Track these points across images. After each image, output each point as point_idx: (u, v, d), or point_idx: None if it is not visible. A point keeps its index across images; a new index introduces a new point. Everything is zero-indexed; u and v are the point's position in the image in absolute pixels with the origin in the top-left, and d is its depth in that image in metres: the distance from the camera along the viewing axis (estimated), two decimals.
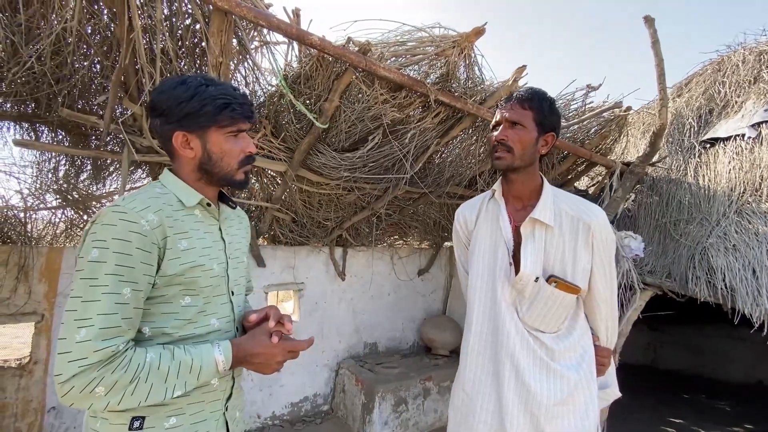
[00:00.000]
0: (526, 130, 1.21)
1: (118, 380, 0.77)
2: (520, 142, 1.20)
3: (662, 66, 2.37)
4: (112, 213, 0.82)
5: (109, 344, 0.77)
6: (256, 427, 3.03)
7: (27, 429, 2.29)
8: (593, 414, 1.21)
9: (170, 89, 0.91)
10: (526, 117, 1.21)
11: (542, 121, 1.22)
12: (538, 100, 1.23)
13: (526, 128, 1.21)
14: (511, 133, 1.21)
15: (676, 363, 5.60)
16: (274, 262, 3.18)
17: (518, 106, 1.22)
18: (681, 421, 3.85)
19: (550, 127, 1.24)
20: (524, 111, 1.21)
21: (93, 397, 0.76)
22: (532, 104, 1.22)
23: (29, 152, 2.38)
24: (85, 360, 0.75)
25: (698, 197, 2.83)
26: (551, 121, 1.23)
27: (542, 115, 1.22)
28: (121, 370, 0.77)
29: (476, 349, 1.29)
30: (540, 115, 1.21)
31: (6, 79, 1.74)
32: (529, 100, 1.22)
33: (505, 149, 1.21)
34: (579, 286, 1.19)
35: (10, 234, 2.36)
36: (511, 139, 1.21)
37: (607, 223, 1.23)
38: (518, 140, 1.20)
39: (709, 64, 3.71)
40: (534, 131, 1.21)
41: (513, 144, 1.20)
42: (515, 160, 1.21)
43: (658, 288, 2.57)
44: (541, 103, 1.22)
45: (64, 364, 0.75)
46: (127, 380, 0.78)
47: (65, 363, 0.75)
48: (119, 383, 0.77)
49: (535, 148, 1.23)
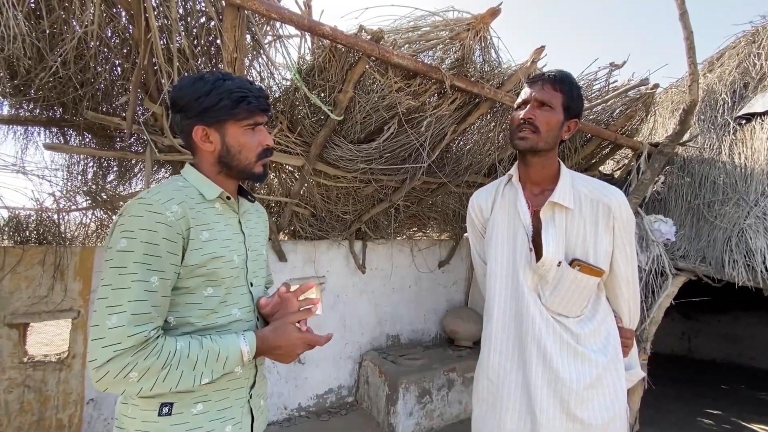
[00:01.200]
0: (554, 112, 1.18)
1: (150, 366, 0.79)
2: (547, 123, 1.17)
3: (692, 39, 2.25)
4: (139, 205, 0.84)
5: (140, 330, 0.79)
6: (283, 418, 3.09)
7: (68, 420, 2.41)
8: (622, 395, 1.20)
9: (189, 85, 0.94)
10: (555, 98, 1.18)
11: (570, 105, 1.19)
12: (569, 83, 1.20)
13: (554, 110, 1.18)
14: (539, 113, 1.18)
15: (712, 352, 5.38)
16: (295, 257, 3.22)
17: (549, 87, 1.19)
18: (719, 412, 3.69)
19: (575, 113, 1.21)
20: (555, 92, 1.19)
21: (126, 382, 0.78)
22: (563, 87, 1.19)
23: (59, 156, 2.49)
24: (118, 345, 0.77)
25: (734, 176, 2.67)
26: (577, 106, 1.21)
27: (571, 99, 1.19)
28: (154, 356, 0.80)
29: (499, 336, 1.27)
30: (569, 99, 1.19)
31: (34, 85, 1.81)
32: (561, 82, 1.20)
33: (531, 129, 1.18)
34: (602, 268, 1.17)
35: (45, 235, 2.47)
36: (539, 119, 1.18)
37: (626, 203, 1.21)
38: (546, 121, 1.17)
39: (742, 36, 3.49)
40: (561, 114, 1.19)
41: (540, 124, 1.17)
42: (540, 141, 1.18)
43: (691, 273, 2.46)
44: (571, 87, 1.20)
45: (98, 349, 0.78)
46: (158, 367, 0.80)
47: (99, 348, 0.77)
48: (152, 369, 0.79)
49: (560, 132, 1.20)
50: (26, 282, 2.31)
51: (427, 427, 2.99)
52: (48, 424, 2.36)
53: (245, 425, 0.98)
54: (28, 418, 2.31)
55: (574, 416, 1.14)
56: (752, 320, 5.06)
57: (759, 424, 3.46)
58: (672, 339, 5.60)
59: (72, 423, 2.42)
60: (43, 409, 2.34)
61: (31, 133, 2.34)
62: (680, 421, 3.45)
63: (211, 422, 0.91)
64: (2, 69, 1.72)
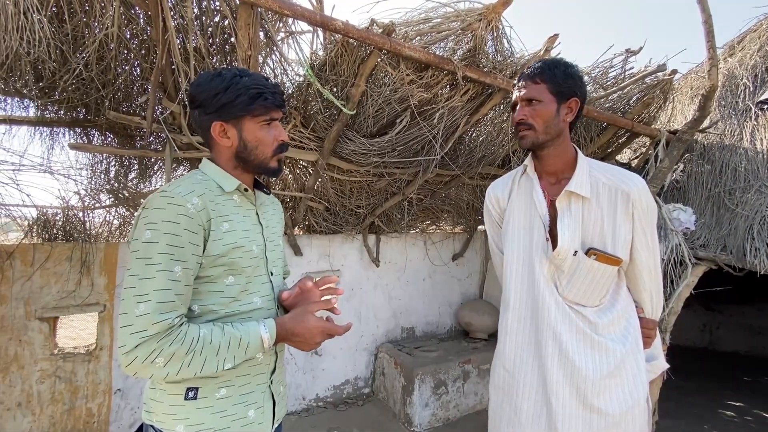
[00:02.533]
0: (543, 104, 1.17)
1: (175, 352, 0.83)
2: (540, 117, 1.18)
3: (710, 22, 2.19)
4: (161, 198, 0.87)
5: (165, 317, 0.83)
6: (302, 408, 3.16)
7: (97, 409, 2.51)
8: (642, 386, 1.18)
9: (206, 82, 0.96)
10: (540, 91, 1.18)
11: (558, 90, 1.17)
12: (550, 69, 1.18)
13: (543, 102, 1.17)
14: (528, 110, 1.19)
15: (735, 345, 5.25)
16: (310, 251, 3.27)
17: (530, 82, 1.20)
18: (741, 404, 3.62)
19: (570, 93, 1.18)
20: (537, 85, 1.18)
21: (154, 366, 0.82)
22: (544, 76, 1.18)
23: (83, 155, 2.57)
24: (145, 332, 0.81)
25: (756, 163, 2.60)
26: (569, 86, 1.18)
27: (556, 84, 1.17)
28: (178, 342, 0.83)
29: (516, 326, 1.28)
30: (554, 84, 1.17)
31: (59, 87, 1.88)
32: (540, 73, 1.18)
33: (527, 128, 1.19)
34: (620, 257, 1.15)
35: (72, 232, 2.57)
36: (530, 117, 1.18)
37: (647, 190, 1.18)
38: (537, 116, 1.18)
39: (764, 19, 3.37)
40: (552, 103, 1.17)
41: (533, 121, 1.18)
42: (539, 136, 1.19)
43: (711, 262, 2.41)
44: (554, 72, 1.18)
45: (126, 336, 0.81)
46: (183, 352, 0.84)
47: (128, 335, 0.81)
48: (177, 354, 0.83)
49: (558, 119, 1.18)
50: (55, 277, 2.41)
51: (443, 418, 3.02)
52: (78, 413, 2.46)
53: (267, 410, 1.01)
54: (59, 408, 2.41)
55: (591, 405, 1.13)
56: None
57: None
58: (693, 331, 5.49)
59: (101, 412, 2.52)
60: (74, 399, 2.45)
61: (57, 133, 2.42)
62: (701, 413, 3.40)
63: (235, 406, 0.94)
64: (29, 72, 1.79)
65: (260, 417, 0.99)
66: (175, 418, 0.91)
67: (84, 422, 2.47)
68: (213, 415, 0.92)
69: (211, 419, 0.92)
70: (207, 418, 0.91)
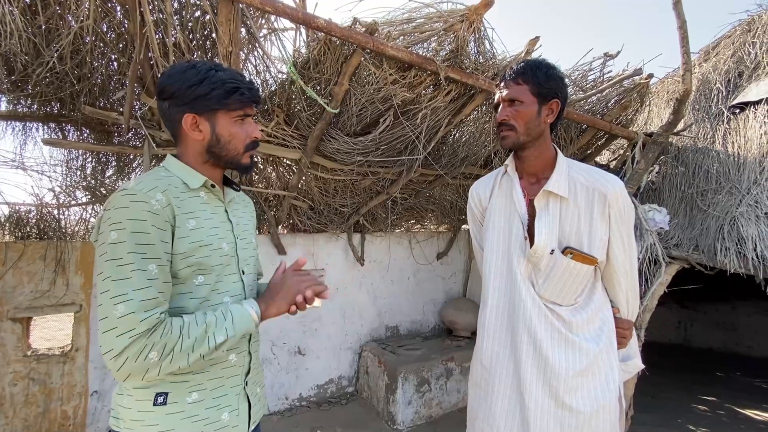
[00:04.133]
0: (524, 105, 1.18)
1: (167, 342, 0.81)
2: (521, 119, 1.18)
3: (685, 28, 2.25)
4: (122, 197, 0.84)
5: (150, 314, 0.80)
6: (284, 408, 3.14)
7: (73, 411, 2.45)
8: (614, 385, 1.20)
9: (179, 73, 0.93)
10: (522, 92, 1.19)
11: (540, 91, 1.18)
12: (532, 70, 1.19)
13: (525, 103, 1.18)
14: (510, 111, 1.20)
15: (708, 341, 5.44)
16: (294, 250, 3.25)
17: (512, 83, 1.20)
18: (714, 399, 3.75)
19: (551, 95, 1.20)
20: (519, 86, 1.19)
21: (148, 363, 0.79)
22: (526, 77, 1.19)
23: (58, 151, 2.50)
24: (133, 331, 0.78)
25: (727, 165, 2.69)
26: (550, 87, 1.19)
27: (538, 85, 1.18)
28: (168, 333, 0.81)
29: (493, 323, 1.29)
30: (536, 85, 1.18)
31: (31, 81, 1.82)
32: (522, 74, 1.19)
33: (508, 128, 1.20)
34: (595, 256, 1.17)
35: (46, 230, 2.50)
36: (512, 117, 1.19)
37: (624, 192, 1.19)
38: (519, 117, 1.19)
39: (738, 25, 3.49)
40: (533, 104, 1.18)
41: (514, 122, 1.19)
42: (520, 137, 1.20)
43: (684, 261, 2.49)
44: (535, 73, 1.19)
45: (112, 339, 0.78)
46: (174, 340, 0.82)
47: (113, 338, 0.78)
48: (168, 345, 0.81)
49: (539, 120, 1.20)
50: (28, 277, 2.34)
51: (425, 415, 3.05)
52: (53, 415, 2.40)
53: (242, 412, 0.99)
54: (33, 410, 2.35)
55: (563, 402, 1.15)
56: (749, 309, 5.11)
57: (753, 410, 3.52)
58: (669, 328, 5.66)
59: (77, 414, 2.46)
60: (48, 401, 2.39)
61: (30, 128, 2.35)
62: (676, 407, 3.51)
63: (207, 410, 0.92)
64: None
65: (235, 420, 0.97)
66: (144, 424, 0.87)
67: (59, 425, 2.41)
68: (184, 420, 0.89)
69: (181, 425, 0.89)
70: (177, 423, 0.89)
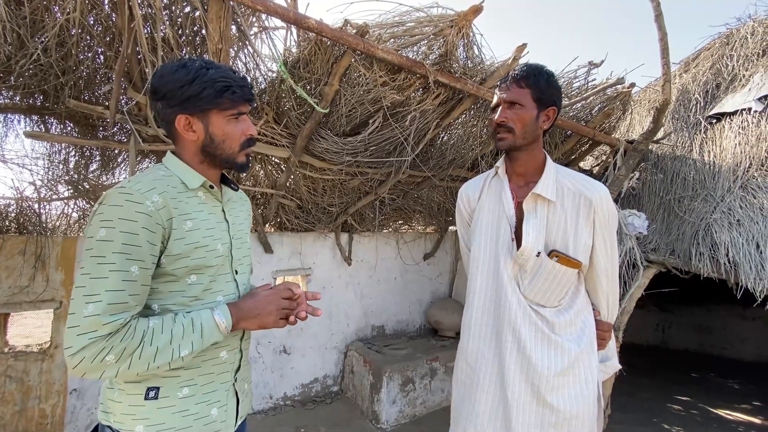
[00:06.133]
0: (525, 109, 1.20)
1: (126, 347, 0.80)
2: (521, 122, 1.20)
3: (666, 40, 2.33)
4: (119, 194, 0.84)
5: (116, 318, 0.80)
6: (269, 407, 3.13)
7: (51, 410, 2.40)
8: (593, 385, 1.23)
9: (170, 73, 0.93)
10: (523, 95, 1.20)
11: (540, 97, 1.21)
12: (535, 76, 1.21)
13: (525, 107, 1.20)
14: (510, 113, 1.21)
15: (685, 343, 5.61)
16: (281, 249, 3.24)
17: (515, 86, 1.21)
18: (688, 399, 3.87)
19: (550, 102, 1.22)
20: (521, 90, 1.20)
21: (105, 365, 0.79)
22: (529, 82, 1.20)
23: (40, 144, 2.45)
24: (94, 333, 0.78)
25: (703, 173, 2.80)
26: (550, 95, 1.22)
27: (540, 91, 1.20)
28: (129, 337, 0.81)
29: (479, 321, 1.31)
30: (538, 91, 1.20)
31: (14, 72, 1.79)
32: (525, 78, 1.21)
33: (506, 130, 1.21)
34: (580, 260, 1.20)
35: (26, 225, 2.44)
36: (511, 120, 1.20)
37: (609, 198, 1.23)
38: (518, 120, 1.20)
39: (717, 38, 3.62)
40: (533, 109, 1.20)
41: (513, 124, 1.20)
42: (517, 140, 1.21)
43: (661, 265, 2.58)
44: (538, 79, 1.21)
45: (73, 337, 0.78)
46: (134, 346, 0.81)
47: (74, 336, 0.78)
48: (127, 350, 0.81)
49: (536, 124, 1.22)
50: (6, 272, 2.29)
51: (410, 414, 3.07)
52: (30, 414, 2.35)
53: (230, 408, 1.00)
54: (9, 409, 2.29)
55: (545, 401, 1.18)
56: (724, 312, 5.28)
57: (725, 410, 3.65)
58: (647, 330, 5.82)
59: (55, 413, 2.41)
60: (25, 400, 2.33)
61: (11, 120, 2.29)
62: (651, 406, 3.62)
63: (197, 405, 0.93)
64: None
65: (223, 415, 0.98)
66: (135, 418, 0.89)
67: (37, 424, 2.36)
68: (174, 414, 0.90)
69: (172, 419, 0.90)
70: (168, 417, 0.90)
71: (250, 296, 1.02)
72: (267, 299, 1.01)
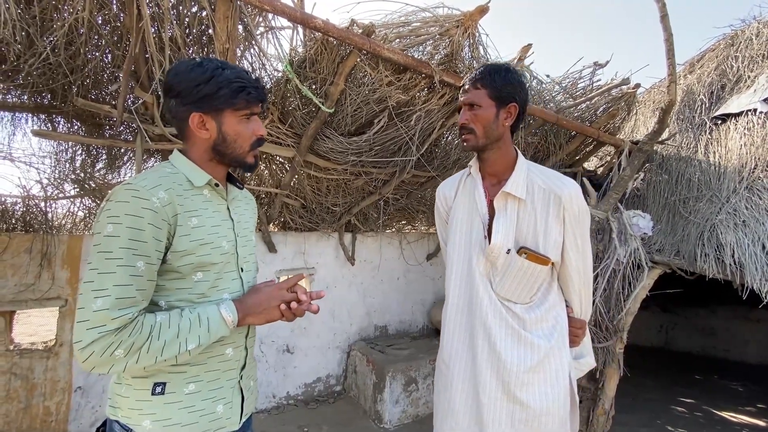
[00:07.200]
0: (482, 109, 1.22)
1: (134, 342, 0.82)
2: (480, 122, 1.23)
3: (671, 41, 2.33)
4: (125, 191, 0.85)
5: (125, 312, 0.81)
6: (272, 406, 3.14)
7: (55, 407, 2.42)
8: (563, 381, 1.24)
9: (186, 71, 0.94)
10: (480, 96, 1.23)
11: (497, 95, 1.23)
12: (490, 75, 1.23)
13: (483, 107, 1.22)
14: (470, 115, 1.24)
15: (688, 344, 5.58)
16: (285, 248, 3.25)
17: (472, 88, 1.25)
18: (692, 401, 3.86)
19: (509, 99, 1.23)
20: (478, 91, 1.23)
21: (114, 359, 0.81)
22: (484, 82, 1.23)
23: (47, 143, 2.46)
24: (103, 327, 0.79)
25: (708, 174, 2.79)
26: (508, 92, 1.23)
27: (496, 89, 1.22)
28: (137, 332, 0.82)
29: (453, 319, 1.34)
30: (494, 90, 1.22)
31: (23, 71, 1.80)
32: (480, 78, 1.24)
33: (468, 131, 1.25)
34: (549, 257, 1.21)
35: (32, 223, 2.46)
36: (471, 121, 1.24)
37: (579, 195, 1.24)
38: (477, 120, 1.23)
39: (722, 39, 3.61)
40: (492, 107, 1.22)
41: (474, 125, 1.23)
42: (479, 140, 1.24)
43: (666, 266, 2.57)
44: (493, 78, 1.23)
45: (82, 331, 0.79)
46: (142, 341, 0.82)
47: (84, 330, 0.79)
48: (135, 344, 0.82)
49: (497, 123, 1.23)
50: (12, 270, 2.30)
51: (412, 414, 3.07)
52: (35, 411, 2.36)
53: (236, 405, 1.01)
54: (14, 406, 2.31)
55: (515, 397, 1.20)
56: (728, 314, 5.26)
57: (729, 412, 3.63)
58: (650, 331, 5.80)
59: (59, 410, 2.42)
60: (30, 397, 2.35)
61: (19, 119, 2.31)
62: (655, 408, 3.61)
63: (203, 401, 0.94)
64: None
65: (228, 412, 0.99)
66: (142, 413, 0.89)
67: (41, 421, 2.37)
68: (181, 410, 0.91)
69: (178, 414, 0.91)
70: (175, 413, 0.91)
71: (254, 292, 1.03)
72: (270, 294, 1.02)
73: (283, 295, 1.03)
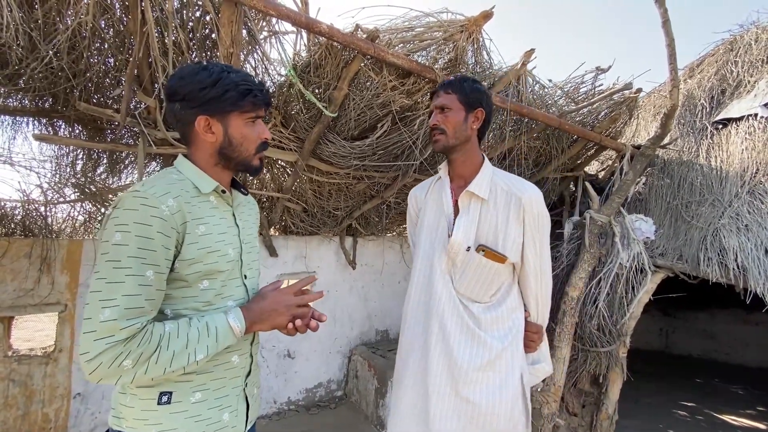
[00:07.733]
0: (452, 112, 1.31)
1: (143, 352, 0.80)
2: (450, 123, 1.31)
3: (673, 46, 2.34)
4: (133, 198, 0.84)
5: (133, 323, 0.79)
6: (273, 411, 3.11)
7: (54, 414, 2.38)
8: (513, 383, 1.27)
9: (192, 75, 0.93)
10: (451, 100, 1.32)
11: (466, 100, 1.32)
12: (459, 82, 1.34)
13: (453, 109, 1.31)
14: (441, 117, 1.32)
15: (689, 348, 5.59)
16: (286, 252, 3.23)
17: (443, 92, 1.34)
18: (693, 404, 3.86)
19: (476, 104, 1.33)
20: (449, 95, 1.32)
21: (122, 370, 0.79)
22: (454, 88, 1.33)
23: (48, 147, 2.44)
24: (111, 338, 0.78)
25: (710, 178, 2.80)
26: (476, 97, 1.33)
27: (464, 95, 1.32)
28: (145, 342, 0.80)
29: (412, 315, 1.38)
30: (463, 95, 1.32)
31: (25, 75, 1.79)
32: (451, 84, 1.34)
33: (439, 132, 1.32)
34: (507, 255, 1.26)
35: (32, 227, 2.43)
36: (443, 122, 1.31)
37: (540, 200, 1.30)
38: (448, 122, 1.31)
39: (721, 44, 3.64)
40: (461, 111, 1.31)
41: (445, 126, 1.31)
42: (450, 140, 1.31)
43: (669, 270, 2.57)
44: (462, 85, 1.33)
45: (90, 342, 0.77)
46: (151, 351, 0.81)
47: (91, 341, 0.77)
48: (144, 354, 0.80)
49: (466, 125, 1.32)
50: (11, 275, 2.28)
51: None
52: (34, 418, 2.33)
53: (241, 412, 1.00)
54: (13, 413, 2.28)
55: (461, 393, 1.23)
56: (728, 317, 5.27)
57: (730, 415, 3.63)
58: (651, 335, 5.80)
59: (59, 417, 2.39)
60: (29, 404, 2.32)
61: (20, 123, 2.29)
62: (657, 412, 3.60)
63: (210, 410, 0.93)
64: None
65: (234, 420, 0.98)
66: (147, 423, 0.88)
67: (40, 428, 2.34)
68: (187, 419, 0.90)
69: (185, 424, 0.89)
70: (181, 422, 0.89)
71: (260, 297, 1.02)
72: (276, 299, 1.01)
73: (289, 300, 1.01)
